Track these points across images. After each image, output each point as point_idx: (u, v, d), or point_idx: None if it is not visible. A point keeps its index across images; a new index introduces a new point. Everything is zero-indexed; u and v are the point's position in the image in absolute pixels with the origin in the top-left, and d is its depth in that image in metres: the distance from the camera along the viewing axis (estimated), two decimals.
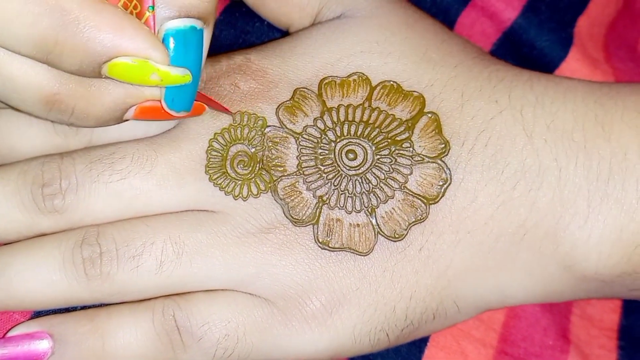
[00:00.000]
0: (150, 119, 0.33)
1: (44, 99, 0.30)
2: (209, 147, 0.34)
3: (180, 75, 0.30)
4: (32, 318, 0.35)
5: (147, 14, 0.30)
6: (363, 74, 0.35)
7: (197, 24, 0.31)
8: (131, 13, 0.30)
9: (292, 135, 0.35)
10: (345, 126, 0.35)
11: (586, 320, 0.40)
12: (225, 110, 0.34)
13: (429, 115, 0.35)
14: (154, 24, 0.30)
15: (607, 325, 0.40)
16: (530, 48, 0.42)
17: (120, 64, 0.29)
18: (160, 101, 0.32)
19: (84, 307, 0.35)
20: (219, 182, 0.34)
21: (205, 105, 0.34)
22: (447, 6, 0.42)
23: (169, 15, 0.30)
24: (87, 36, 0.28)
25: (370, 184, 0.34)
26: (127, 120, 0.32)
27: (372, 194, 0.34)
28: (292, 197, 0.34)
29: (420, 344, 0.37)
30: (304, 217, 0.34)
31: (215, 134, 0.34)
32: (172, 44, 0.30)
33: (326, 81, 0.35)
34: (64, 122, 0.32)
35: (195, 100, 0.33)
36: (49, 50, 0.29)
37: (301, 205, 0.34)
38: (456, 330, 0.38)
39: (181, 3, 0.30)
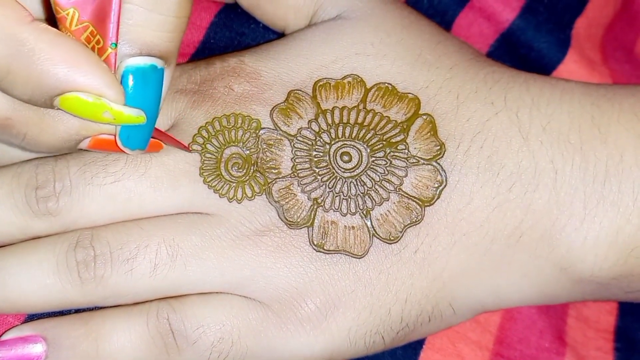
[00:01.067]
0: (104, 150, 0.32)
1: None
2: (202, 150, 0.34)
3: (133, 116, 0.30)
4: (25, 321, 0.35)
5: (109, 50, 0.29)
6: (358, 76, 0.35)
7: (158, 62, 0.30)
8: (93, 48, 0.29)
9: (287, 138, 0.34)
10: (340, 128, 0.35)
11: (582, 322, 0.40)
12: (184, 147, 0.34)
13: (424, 117, 0.35)
14: (115, 61, 0.30)
15: (603, 327, 0.40)
16: (528, 49, 0.42)
17: (73, 99, 0.29)
18: (115, 136, 0.31)
19: (78, 311, 0.35)
20: (214, 184, 0.34)
21: (162, 143, 0.33)
22: (445, 7, 0.42)
23: (130, 52, 0.30)
24: (40, 68, 0.28)
25: (365, 186, 0.34)
26: (81, 149, 0.32)
27: (367, 196, 0.34)
28: (287, 200, 0.34)
29: (416, 346, 0.37)
30: (298, 220, 0.34)
31: (199, 128, 0.34)
32: (130, 82, 0.30)
33: (320, 83, 0.35)
34: (13, 145, 0.31)
35: (153, 137, 0.32)
36: (1, 77, 0.28)
37: (296, 207, 0.34)
38: (452, 333, 0.37)
39: (143, 41, 0.30)
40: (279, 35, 0.39)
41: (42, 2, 0.34)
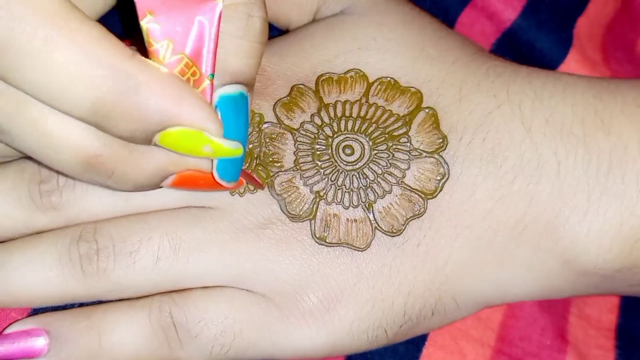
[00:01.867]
0: (186, 188, 0.31)
1: (84, 160, 0.28)
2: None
3: (232, 149, 0.29)
4: (29, 316, 0.34)
5: (207, 81, 0.28)
6: (360, 70, 0.35)
7: (245, 90, 0.30)
8: (188, 80, 0.28)
9: (289, 131, 0.34)
10: (342, 122, 0.34)
11: (584, 320, 0.39)
12: (259, 185, 0.33)
13: (427, 110, 0.34)
14: (211, 92, 0.29)
15: (605, 325, 0.39)
16: (530, 49, 0.42)
17: (174, 134, 0.27)
18: (200, 171, 0.30)
19: (81, 305, 0.34)
20: None
21: (243, 178, 0.32)
22: (447, 6, 0.41)
23: (220, 82, 0.29)
24: (147, 103, 0.27)
25: (367, 179, 0.34)
26: (161, 187, 0.31)
27: (369, 189, 0.34)
28: (289, 193, 0.34)
29: (418, 343, 0.37)
30: (301, 213, 0.33)
31: None
32: (223, 111, 0.29)
33: (323, 78, 0.35)
34: (98, 184, 0.30)
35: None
36: (105, 114, 0.27)
37: (298, 200, 0.33)
38: (454, 330, 0.37)
39: (233, 69, 0.29)
40: (283, 32, 0.39)
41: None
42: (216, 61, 0.28)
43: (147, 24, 0.27)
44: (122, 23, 0.37)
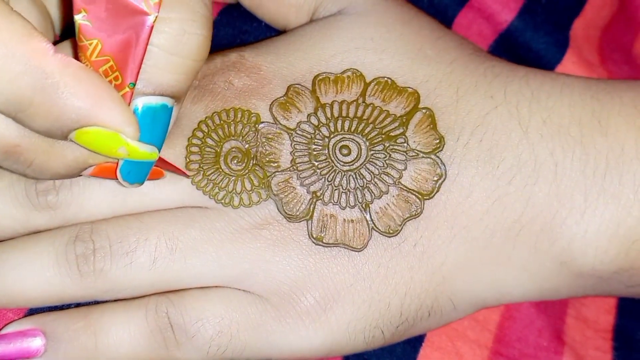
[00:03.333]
0: (105, 177, 0.31)
1: (2, 149, 0.28)
2: (191, 136, 0.33)
3: (147, 152, 0.29)
4: (25, 316, 0.34)
5: (127, 89, 0.28)
6: (357, 70, 0.34)
7: (169, 102, 0.29)
8: (110, 82, 0.28)
9: (286, 131, 0.33)
10: (339, 122, 0.34)
11: (581, 321, 0.39)
12: (183, 174, 0.33)
13: (424, 110, 0.34)
14: (129, 100, 0.29)
15: (602, 326, 0.39)
16: (527, 50, 0.41)
17: (91, 133, 0.28)
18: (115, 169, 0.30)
19: (78, 306, 0.34)
20: (213, 178, 0.33)
21: (163, 171, 0.32)
22: (444, 7, 0.41)
23: (144, 90, 0.29)
24: (64, 102, 0.27)
25: (364, 180, 0.33)
26: (81, 175, 0.31)
27: (366, 190, 0.33)
28: (286, 193, 0.33)
29: (415, 344, 0.36)
30: (297, 213, 0.33)
31: (199, 122, 0.33)
32: (141, 118, 0.29)
33: (320, 77, 0.34)
34: (17, 172, 0.30)
35: (155, 166, 0.31)
36: (21, 109, 0.27)
37: (295, 200, 0.33)
38: (451, 331, 0.36)
39: (159, 82, 0.29)
40: (281, 33, 0.38)
41: (60, 23, 0.33)
42: (141, 71, 0.28)
43: (80, 19, 0.27)
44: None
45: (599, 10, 0.43)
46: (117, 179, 0.31)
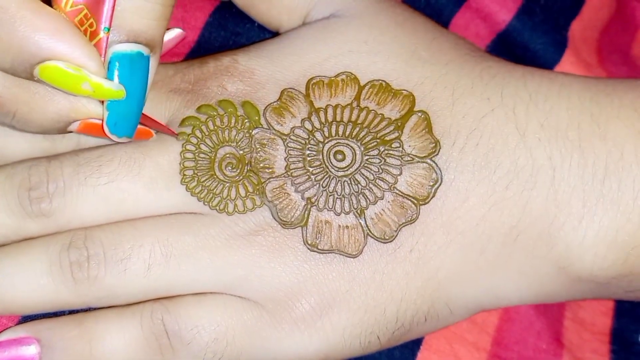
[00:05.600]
0: (94, 135, 0.31)
1: None
2: (185, 142, 0.32)
3: (113, 90, 0.28)
4: (19, 323, 0.33)
5: (101, 34, 0.28)
6: (351, 73, 0.33)
7: (144, 50, 0.29)
8: (85, 31, 0.28)
9: (280, 137, 0.32)
10: (334, 127, 0.32)
11: (578, 324, 0.37)
12: (172, 133, 0.32)
13: (419, 114, 0.32)
14: (106, 46, 0.28)
15: (599, 329, 0.37)
16: (525, 50, 0.40)
17: (52, 67, 0.27)
18: (102, 122, 0.30)
19: (72, 313, 0.33)
20: (207, 184, 0.32)
21: (152, 131, 0.32)
22: (441, 7, 0.39)
23: (117, 39, 0.28)
24: (21, 35, 0.27)
25: (359, 185, 0.32)
26: (70, 132, 0.30)
27: (361, 195, 0.32)
28: (281, 199, 0.32)
29: (413, 347, 0.35)
30: (292, 219, 0.32)
31: (192, 127, 0.32)
32: (117, 68, 0.28)
33: (314, 81, 0.33)
34: (4, 125, 0.30)
35: (143, 125, 0.31)
36: None
37: (289, 207, 0.32)
38: (449, 334, 0.35)
39: (130, 28, 0.28)
40: (274, 34, 0.37)
41: None
42: (113, 17, 0.28)
43: None
44: None
45: (597, 12, 0.41)
46: (105, 135, 0.30)
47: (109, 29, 0.28)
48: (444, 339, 0.35)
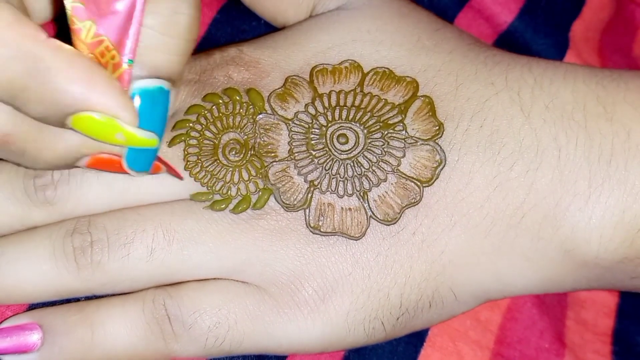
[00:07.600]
0: (102, 169, 0.29)
1: None
2: (190, 129, 0.31)
3: (146, 139, 0.27)
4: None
5: (124, 67, 0.27)
6: (355, 61, 0.32)
7: (166, 85, 0.27)
8: (107, 63, 0.27)
9: (284, 122, 0.31)
10: (337, 111, 0.32)
11: (580, 324, 0.36)
12: (177, 175, 0.31)
13: (423, 98, 0.31)
14: (129, 78, 0.27)
15: (602, 330, 0.36)
16: (526, 51, 0.39)
17: (87, 118, 0.26)
18: (116, 155, 0.28)
19: (75, 301, 0.32)
20: (210, 169, 0.31)
21: (162, 165, 0.30)
22: (444, 7, 0.39)
23: (139, 74, 0.27)
24: (56, 86, 0.25)
25: (362, 168, 0.31)
26: (78, 167, 0.29)
27: (364, 178, 0.31)
28: (283, 182, 0.31)
29: (416, 344, 0.33)
30: (295, 202, 0.31)
31: (198, 115, 0.32)
32: (138, 103, 0.27)
33: (318, 68, 0.32)
34: (13, 161, 0.29)
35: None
36: (16, 95, 0.25)
37: (292, 190, 0.31)
38: (453, 331, 0.34)
39: (153, 63, 0.27)
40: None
41: (51, 8, 0.32)
42: (137, 49, 0.27)
43: (71, 2, 0.26)
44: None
45: (598, 12, 0.41)
46: (114, 171, 0.29)
47: (132, 61, 0.27)
48: (447, 336, 0.34)
